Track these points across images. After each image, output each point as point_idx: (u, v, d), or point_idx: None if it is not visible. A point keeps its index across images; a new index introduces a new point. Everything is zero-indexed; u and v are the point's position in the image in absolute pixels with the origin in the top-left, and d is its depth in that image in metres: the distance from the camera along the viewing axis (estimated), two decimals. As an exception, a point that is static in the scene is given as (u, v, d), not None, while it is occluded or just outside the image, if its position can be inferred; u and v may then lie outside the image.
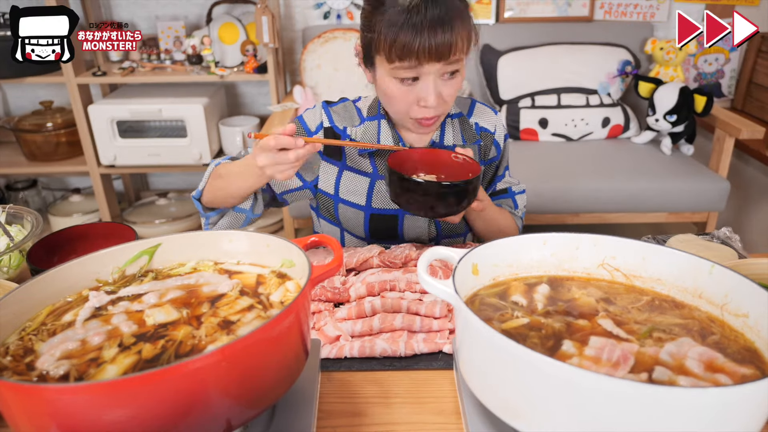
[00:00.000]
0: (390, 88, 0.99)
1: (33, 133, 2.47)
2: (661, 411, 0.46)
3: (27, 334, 0.59)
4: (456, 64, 0.96)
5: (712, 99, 2.17)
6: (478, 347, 0.57)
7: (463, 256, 0.65)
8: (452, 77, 0.98)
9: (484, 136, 1.17)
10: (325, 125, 1.12)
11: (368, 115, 1.12)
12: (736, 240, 1.06)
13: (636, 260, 0.72)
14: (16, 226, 1.08)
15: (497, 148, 1.18)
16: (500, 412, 0.56)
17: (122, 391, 0.45)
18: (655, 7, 2.62)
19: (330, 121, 1.12)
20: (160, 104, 2.34)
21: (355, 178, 1.13)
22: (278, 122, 2.20)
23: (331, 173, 1.14)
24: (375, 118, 1.11)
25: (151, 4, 2.60)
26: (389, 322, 0.82)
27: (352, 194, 1.13)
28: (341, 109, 1.14)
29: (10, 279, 0.96)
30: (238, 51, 2.48)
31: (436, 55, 0.92)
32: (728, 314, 0.64)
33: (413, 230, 1.15)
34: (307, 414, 0.65)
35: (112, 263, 0.69)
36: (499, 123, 1.18)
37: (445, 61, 0.94)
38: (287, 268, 0.68)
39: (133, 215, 2.65)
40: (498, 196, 1.22)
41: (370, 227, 1.14)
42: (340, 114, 1.13)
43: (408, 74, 0.96)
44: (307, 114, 1.15)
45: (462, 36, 0.94)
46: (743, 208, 2.55)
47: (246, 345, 0.50)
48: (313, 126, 1.13)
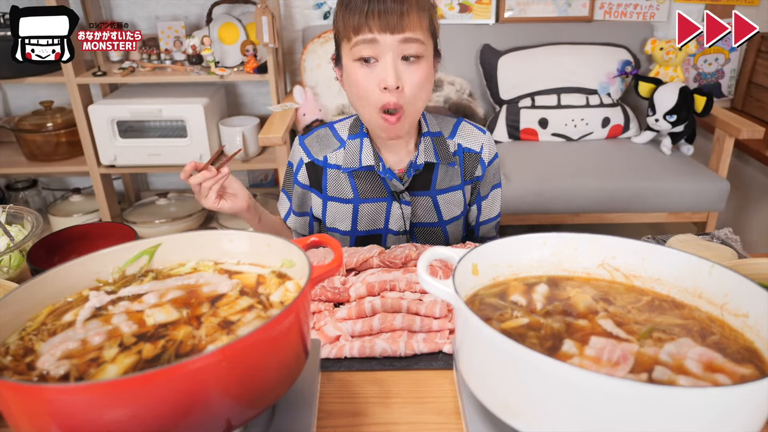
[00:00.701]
0: (354, 74, 1.00)
1: (33, 133, 2.47)
2: (661, 411, 0.46)
3: (27, 334, 0.59)
4: (414, 45, 0.97)
5: (712, 99, 2.17)
6: (478, 347, 0.57)
7: (463, 256, 0.65)
8: (414, 63, 0.98)
9: (468, 156, 1.15)
10: (305, 161, 1.15)
11: (350, 134, 1.13)
12: (737, 240, 1.06)
13: (636, 260, 0.72)
14: (16, 226, 1.08)
15: (483, 167, 1.17)
16: (500, 412, 0.56)
17: (122, 391, 0.45)
18: (655, 7, 2.63)
19: (308, 155, 1.14)
20: (160, 104, 2.34)
21: (338, 206, 1.15)
22: (278, 122, 2.20)
23: (318, 204, 1.18)
24: (357, 136, 1.12)
25: (151, 4, 2.60)
26: (389, 322, 0.82)
27: (338, 222, 1.16)
28: (314, 139, 1.16)
29: (10, 279, 0.96)
30: (238, 51, 2.48)
31: (387, 23, 0.94)
32: (728, 314, 0.64)
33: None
34: (307, 414, 0.65)
35: (112, 263, 0.69)
36: (486, 142, 1.16)
37: (399, 34, 0.95)
38: (287, 268, 0.68)
39: (133, 215, 2.65)
40: (484, 222, 1.23)
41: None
42: (314, 145, 1.15)
43: (366, 51, 0.97)
44: (292, 156, 1.18)
45: (414, 11, 0.96)
46: (743, 208, 2.55)
47: (246, 345, 0.50)
48: (295, 165, 1.17)
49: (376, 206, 1.14)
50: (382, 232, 1.17)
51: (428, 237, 1.18)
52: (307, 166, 1.14)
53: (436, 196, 1.15)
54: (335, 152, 1.13)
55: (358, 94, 1.02)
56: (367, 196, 1.14)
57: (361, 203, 1.14)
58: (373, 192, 1.14)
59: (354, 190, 1.13)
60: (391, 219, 1.15)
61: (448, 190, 1.16)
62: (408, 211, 1.14)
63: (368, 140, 1.10)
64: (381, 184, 1.13)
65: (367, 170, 1.12)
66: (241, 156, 2.43)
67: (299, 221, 1.23)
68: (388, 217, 1.15)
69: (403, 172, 1.13)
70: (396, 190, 1.13)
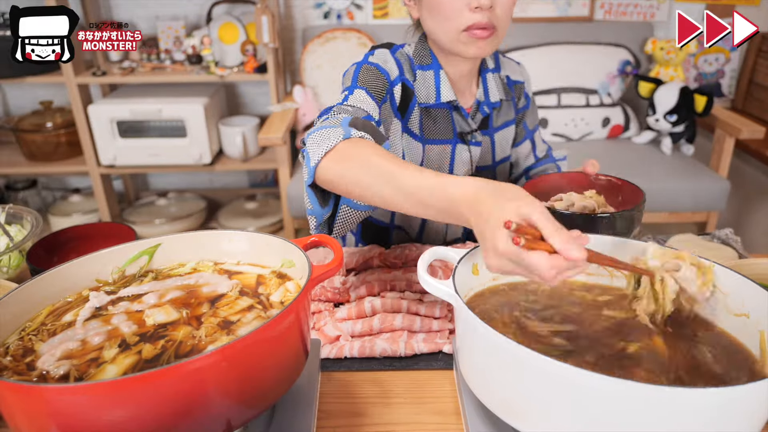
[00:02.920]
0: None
1: (33, 133, 2.47)
2: (661, 411, 0.46)
3: (27, 334, 0.59)
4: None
5: (712, 99, 2.17)
6: (478, 347, 0.57)
7: (463, 256, 0.65)
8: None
9: (517, 88, 1.12)
10: (401, 78, 0.99)
11: (419, 64, 1.01)
12: (737, 241, 1.06)
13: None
14: (15, 226, 1.08)
15: (527, 97, 1.14)
16: (500, 412, 0.56)
17: (122, 391, 0.45)
18: (655, 7, 2.62)
19: (401, 74, 0.99)
20: (160, 104, 2.34)
21: (411, 143, 1.02)
22: (278, 122, 2.20)
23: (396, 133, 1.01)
24: (429, 67, 1.01)
25: (151, 4, 2.60)
26: (389, 322, 0.82)
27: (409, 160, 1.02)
28: (403, 58, 1.01)
29: (10, 279, 0.96)
30: (238, 51, 2.48)
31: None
32: (728, 314, 0.64)
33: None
34: (307, 414, 0.65)
35: (112, 263, 0.69)
36: (525, 73, 1.14)
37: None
38: (287, 268, 0.68)
39: (133, 215, 2.65)
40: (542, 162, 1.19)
41: None
42: (404, 64, 1.00)
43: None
44: (383, 62, 0.98)
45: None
46: (743, 208, 2.55)
47: (246, 345, 0.50)
48: (392, 76, 0.98)
49: (441, 149, 1.04)
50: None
51: None
52: (403, 83, 0.99)
53: (494, 134, 1.09)
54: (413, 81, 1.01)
55: (444, 14, 0.92)
56: (434, 136, 1.03)
57: (427, 144, 1.03)
58: (439, 132, 1.03)
59: (420, 128, 1.02)
60: (456, 163, 1.06)
61: (503, 126, 1.11)
62: (477, 153, 1.06)
63: (444, 73, 1.00)
64: (449, 123, 1.03)
65: (441, 107, 1.02)
66: (240, 156, 2.44)
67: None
68: (452, 162, 1.06)
69: (472, 110, 1.05)
70: (464, 131, 1.04)
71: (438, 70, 1.00)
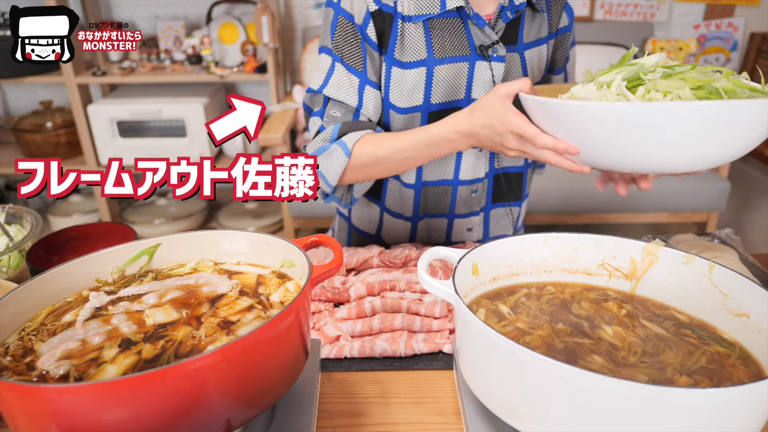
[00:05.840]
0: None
1: (33, 133, 2.47)
2: (661, 411, 0.46)
3: (27, 334, 0.59)
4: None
5: (712, 99, 2.16)
6: (478, 347, 0.57)
7: (463, 256, 0.65)
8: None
9: (554, 1, 0.95)
10: (371, 9, 0.86)
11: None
12: (738, 241, 1.06)
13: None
14: (15, 226, 1.08)
15: (570, 15, 0.97)
16: (500, 412, 0.56)
17: (122, 391, 0.45)
18: (655, 7, 2.62)
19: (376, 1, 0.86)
20: (160, 104, 2.34)
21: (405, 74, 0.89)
22: (278, 122, 2.20)
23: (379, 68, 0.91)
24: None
25: (151, 4, 2.60)
26: (389, 322, 0.82)
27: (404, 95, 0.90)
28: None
29: (10, 279, 0.96)
30: (238, 51, 2.48)
31: None
32: (728, 315, 0.64)
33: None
34: (307, 414, 0.65)
35: (112, 263, 0.69)
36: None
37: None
38: (287, 268, 0.68)
39: (133, 215, 2.65)
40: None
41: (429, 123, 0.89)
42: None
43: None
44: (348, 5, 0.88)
45: None
46: (743, 208, 2.55)
47: (246, 345, 0.50)
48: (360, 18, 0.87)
49: (456, 68, 0.89)
50: (463, 103, 0.91)
51: None
52: (374, 16, 0.86)
53: (524, 51, 0.92)
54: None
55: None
56: (445, 54, 0.88)
57: (436, 65, 0.88)
58: (452, 48, 0.88)
59: (428, 47, 0.87)
60: (474, 84, 0.90)
61: (536, 43, 0.93)
62: (500, 71, 0.89)
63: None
64: (464, 36, 0.88)
65: (447, 17, 0.87)
66: (241, 156, 2.44)
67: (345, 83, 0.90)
68: (470, 83, 0.90)
69: (492, 18, 0.88)
70: (484, 44, 0.88)
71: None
